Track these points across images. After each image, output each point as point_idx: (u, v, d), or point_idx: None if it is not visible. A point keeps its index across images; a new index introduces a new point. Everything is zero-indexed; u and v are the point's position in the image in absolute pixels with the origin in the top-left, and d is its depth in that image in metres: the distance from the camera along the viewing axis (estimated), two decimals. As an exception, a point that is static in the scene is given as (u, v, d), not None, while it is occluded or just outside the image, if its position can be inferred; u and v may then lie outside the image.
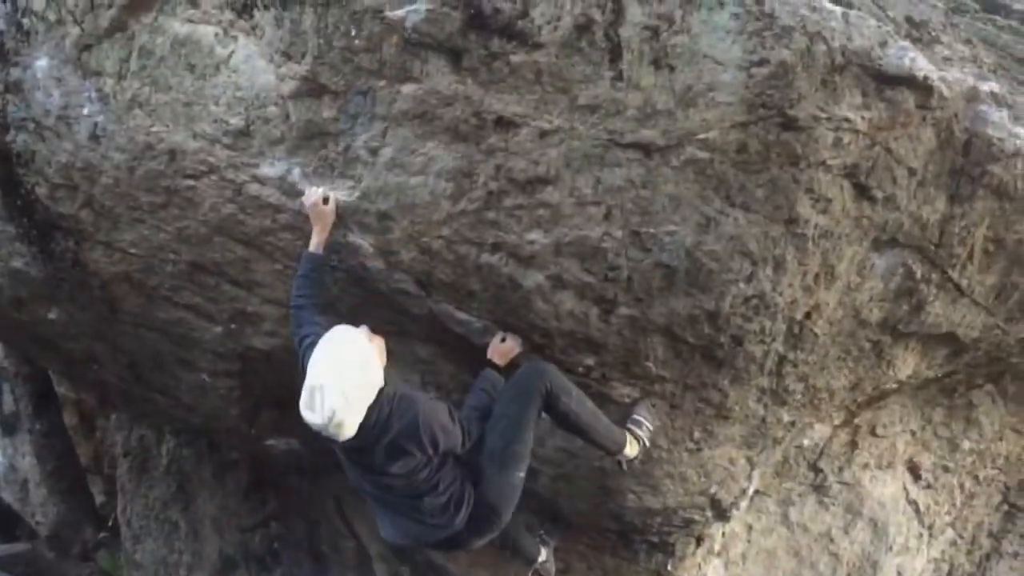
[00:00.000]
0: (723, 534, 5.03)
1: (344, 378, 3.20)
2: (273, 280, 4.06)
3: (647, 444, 3.96)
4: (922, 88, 3.41)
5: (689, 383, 3.92)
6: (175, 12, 3.76)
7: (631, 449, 3.92)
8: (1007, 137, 3.60)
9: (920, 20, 3.90)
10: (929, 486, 5.50)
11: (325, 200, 3.60)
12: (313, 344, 3.37)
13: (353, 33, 3.40)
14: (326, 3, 3.41)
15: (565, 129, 3.36)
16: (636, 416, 3.96)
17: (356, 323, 4.03)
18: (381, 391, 3.32)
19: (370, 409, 3.29)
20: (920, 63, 3.41)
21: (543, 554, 4.56)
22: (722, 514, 4.54)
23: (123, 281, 4.33)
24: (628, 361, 3.83)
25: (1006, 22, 5.41)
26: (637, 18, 3.21)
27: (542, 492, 4.43)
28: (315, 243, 3.65)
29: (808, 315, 3.81)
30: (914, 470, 5.41)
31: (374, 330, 3.54)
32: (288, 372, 4.49)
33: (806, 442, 4.93)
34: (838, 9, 3.30)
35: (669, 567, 4.82)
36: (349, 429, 3.23)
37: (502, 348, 3.81)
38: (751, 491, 4.61)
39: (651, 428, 3.96)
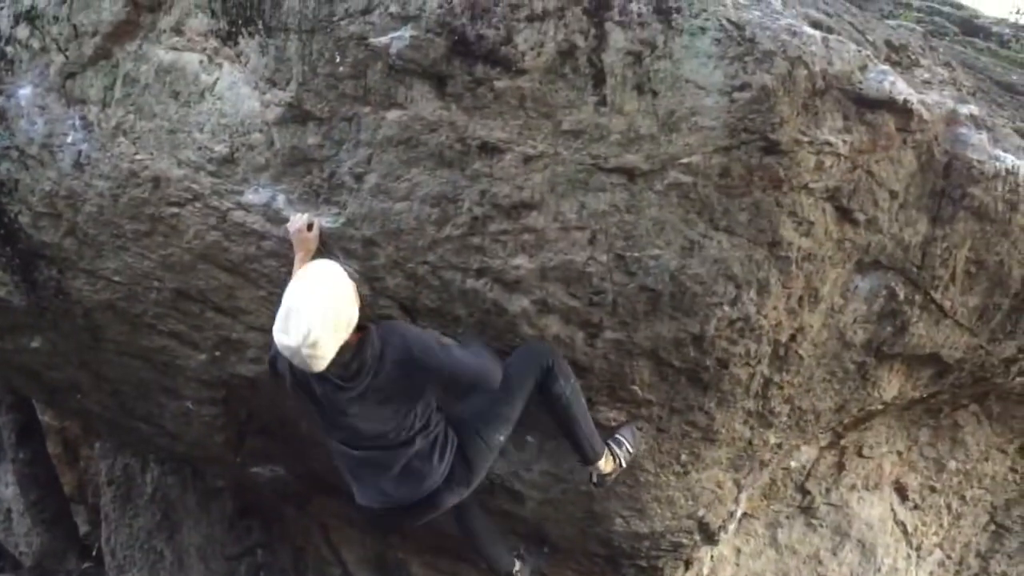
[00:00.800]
0: (712, 557, 5.02)
1: (322, 298, 3.13)
2: (257, 307, 4.05)
3: (623, 465, 3.92)
4: (902, 111, 3.45)
5: (675, 406, 3.92)
6: (159, 40, 3.76)
7: (606, 464, 3.88)
8: (987, 159, 3.64)
9: (900, 44, 3.96)
10: (916, 507, 5.50)
11: (309, 227, 3.60)
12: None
13: (338, 60, 3.41)
14: (311, 30, 3.42)
15: (549, 154, 3.37)
16: (619, 436, 3.94)
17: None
18: (367, 331, 3.30)
19: (363, 347, 3.27)
20: (900, 86, 3.45)
21: (517, 566, 4.49)
22: (710, 537, 4.53)
23: (106, 309, 4.31)
24: (614, 385, 3.83)
25: (985, 44, 5.50)
26: (620, 44, 3.23)
27: (528, 517, 4.42)
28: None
29: (793, 337, 3.82)
30: (901, 491, 5.42)
31: None
32: (274, 396, 4.48)
33: (793, 464, 4.94)
34: (818, 34, 3.33)
35: (658, 591, 4.80)
36: (324, 351, 3.13)
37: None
38: (739, 514, 4.61)
39: (631, 451, 3.93)
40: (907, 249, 3.75)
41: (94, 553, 7.88)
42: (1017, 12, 8.77)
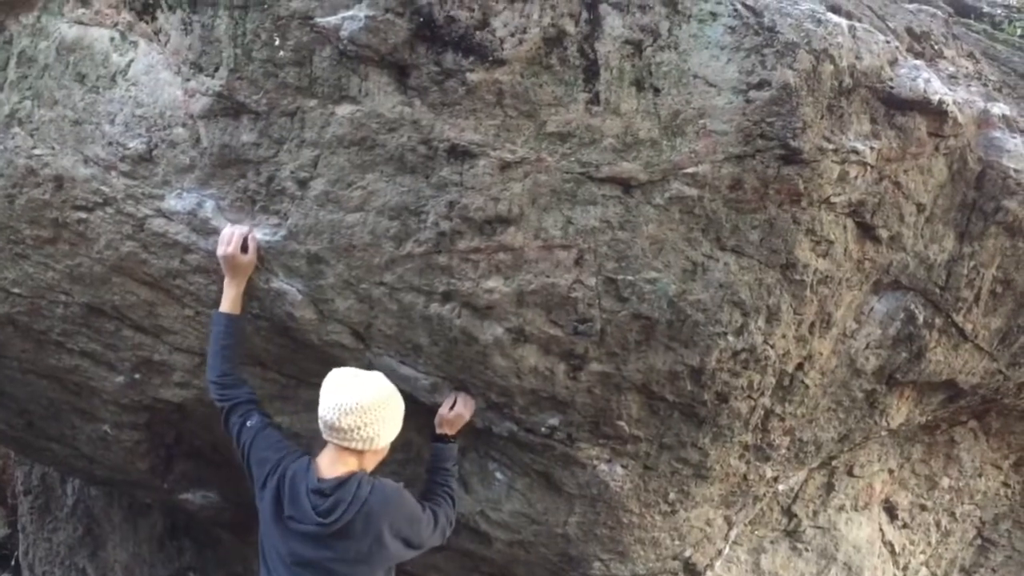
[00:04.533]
0: (691, 589, 4.62)
1: (388, 393, 2.95)
2: (183, 327, 3.48)
3: None
4: (935, 113, 3.03)
5: (665, 442, 3.45)
6: (61, 11, 3.17)
7: None
8: (1024, 168, 3.21)
9: (922, 31, 3.51)
10: (905, 525, 5.20)
11: (244, 247, 3.04)
12: (263, 424, 3.11)
13: (277, 43, 2.85)
14: (244, 6, 2.85)
15: (531, 160, 2.86)
16: None
17: (281, 371, 3.58)
18: (360, 472, 2.99)
19: (347, 483, 2.92)
20: (935, 85, 3.02)
21: None
22: (695, 576, 4.10)
23: (6, 324, 3.69)
24: (598, 420, 3.35)
25: (980, 26, 5.07)
26: (617, 30, 2.75)
27: (495, 558, 3.94)
28: (230, 298, 3.11)
29: (800, 366, 3.38)
30: (891, 510, 5.11)
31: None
32: (204, 421, 3.93)
33: (781, 487, 4.53)
34: (844, 22, 2.86)
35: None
36: (365, 420, 2.86)
37: (449, 418, 3.29)
38: (727, 550, 4.18)
39: None
40: (931, 268, 3.33)
41: (12, 562, 7.28)
42: (997, -11, 8.34)
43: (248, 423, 3.10)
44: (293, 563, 2.98)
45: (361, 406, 2.84)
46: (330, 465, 2.96)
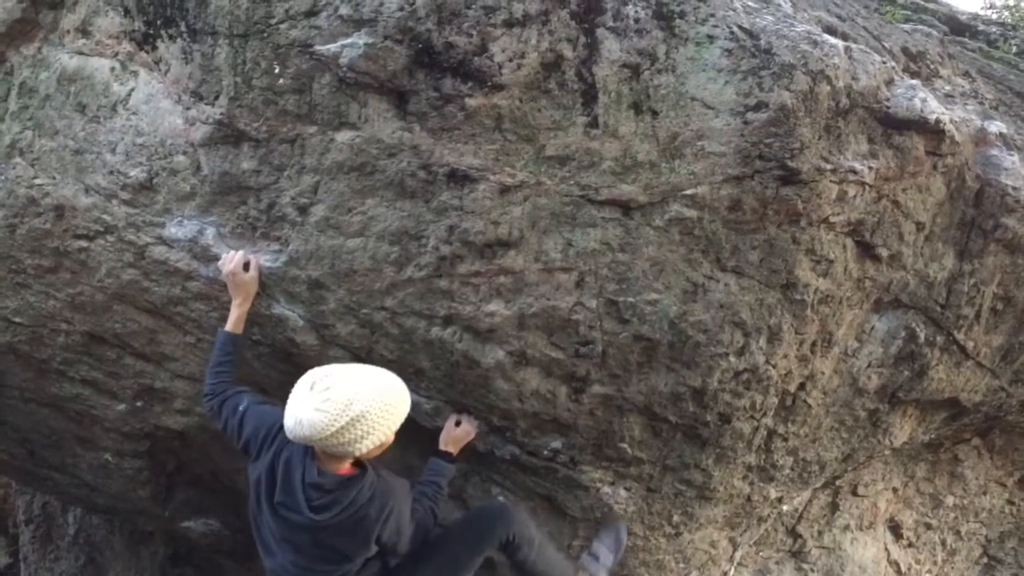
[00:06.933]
0: (696, 611, 4.59)
1: (379, 382, 2.69)
2: (185, 354, 3.48)
3: None
4: (932, 132, 3.03)
5: (669, 464, 3.44)
6: (62, 42, 3.19)
7: None
8: (1023, 186, 3.22)
9: (917, 51, 3.54)
10: (911, 544, 5.16)
11: (245, 267, 3.04)
12: (256, 402, 2.97)
13: (277, 70, 2.86)
14: (244, 35, 2.86)
15: (530, 184, 2.86)
16: (594, 550, 3.42)
17: (284, 398, 3.55)
18: (364, 471, 2.81)
19: (350, 485, 2.75)
20: (932, 104, 3.02)
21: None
22: (701, 599, 4.07)
23: (7, 353, 3.70)
24: (601, 443, 3.34)
25: (976, 44, 5.11)
26: (614, 54, 2.75)
27: (500, 583, 3.92)
28: (234, 318, 3.10)
29: (802, 386, 3.38)
30: (896, 529, 5.07)
31: None
32: (205, 449, 3.93)
33: (785, 507, 4.51)
34: (840, 43, 2.87)
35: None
36: (365, 431, 2.60)
37: (456, 435, 3.28)
38: (732, 572, 4.16)
39: (609, 566, 3.42)
40: (931, 286, 3.33)
41: (15, 592, 7.23)
42: (990, 7, 8.41)
43: (240, 406, 2.97)
44: (282, 539, 2.88)
45: (314, 436, 2.59)
46: (328, 457, 2.78)
